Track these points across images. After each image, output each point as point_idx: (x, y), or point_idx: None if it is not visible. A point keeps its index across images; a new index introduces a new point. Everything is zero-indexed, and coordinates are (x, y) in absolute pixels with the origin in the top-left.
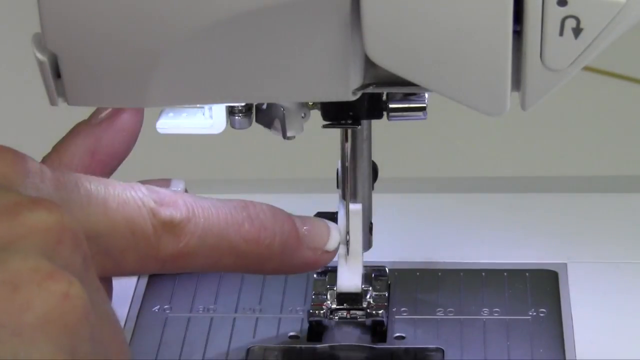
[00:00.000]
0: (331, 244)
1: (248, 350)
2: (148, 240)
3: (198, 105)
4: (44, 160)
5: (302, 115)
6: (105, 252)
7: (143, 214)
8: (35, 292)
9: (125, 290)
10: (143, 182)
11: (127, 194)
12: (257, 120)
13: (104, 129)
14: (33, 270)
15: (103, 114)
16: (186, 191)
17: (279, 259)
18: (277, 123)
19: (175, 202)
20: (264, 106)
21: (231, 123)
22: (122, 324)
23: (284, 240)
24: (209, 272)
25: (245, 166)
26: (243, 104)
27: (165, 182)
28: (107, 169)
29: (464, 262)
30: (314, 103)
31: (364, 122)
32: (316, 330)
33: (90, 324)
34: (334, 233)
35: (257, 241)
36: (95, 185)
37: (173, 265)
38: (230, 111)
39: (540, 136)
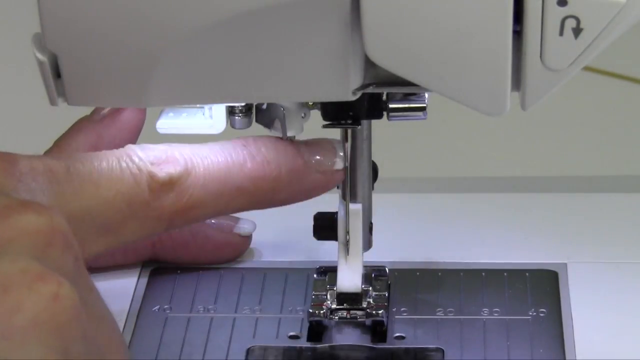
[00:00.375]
0: (340, 163)
1: (248, 350)
2: (146, 205)
3: (198, 105)
4: (46, 153)
5: (302, 115)
6: (105, 229)
7: (139, 181)
8: (25, 294)
9: (125, 290)
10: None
11: (121, 164)
12: (257, 120)
13: (106, 126)
14: (22, 272)
15: (105, 111)
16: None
17: (289, 189)
18: (277, 123)
19: (172, 157)
20: (264, 106)
21: (231, 123)
22: (122, 323)
23: (289, 170)
24: (221, 216)
25: None
26: (243, 104)
27: (234, 220)
28: None
29: (464, 262)
30: (314, 103)
31: (364, 122)
32: (316, 330)
33: (82, 324)
34: (340, 151)
35: (263, 177)
36: (88, 165)
37: (182, 220)
38: (230, 111)
39: (540, 136)
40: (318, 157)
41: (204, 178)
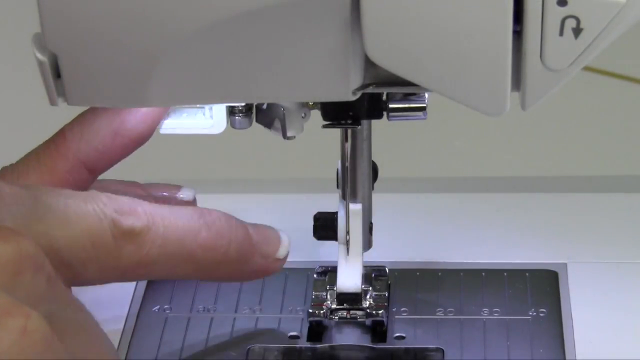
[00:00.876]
0: (282, 252)
1: (248, 350)
2: (109, 251)
3: (198, 105)
4: (66, 128)
5: (302, 115)
6: (66, 264)
7: (104, 225)
8: None
9: (125, 290)
10: (150, 186)
11: (87, 206)
12: (257, 120)
13: (130, 114)
14: None
15: None
16: (195, 199)
17: (233, 266)
18: (277, 123)
19: (135, 211)
20: (264, 106)
21: (231, 123)
22: (122, 324)
23: (238, 247)
24: (164, 280)
25: (245, 166)
26: (243, 104)
27: (175, 189)
28: (125, 151)
29: (464, 262)
30: (314, 103)
31: (364, 122)
32: (316, 330)
33: (55, 353)
34: (285, 240)
35: (214, 248)
36: (55, 199)
37: (133, 274)
38: (231, 111)
39: (540, 136)
40: (264, 243)
41: (162, 238)
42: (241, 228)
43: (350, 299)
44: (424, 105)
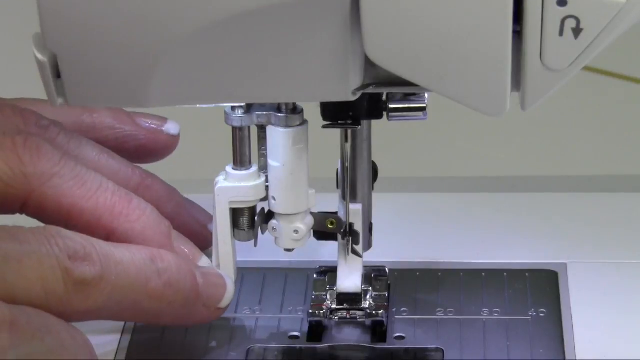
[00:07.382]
0: (225, 302)
1: (248, 350)
2: (59, 298)
3: (198, 105)
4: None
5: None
6: None
7: (56, 274)
8: None
9: None
10: (137, 115)
11: (42, 250)
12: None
13: None
14: None
15: None
16: (179, 134)
17: (176, 314)
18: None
19: (89, 256)
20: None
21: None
22: (122, 324)
23: (185, 297)
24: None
25: None
26: (243, 104)
27: (161, 120)
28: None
29: (464, 262)
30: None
31: (364, 122)
32: (316, 330)
33: None
34: (230, 290)
35: (161, 298)
36: (12, 244)
37: (76, 319)
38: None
39: (540, 136)
40: (209, 292)
41: (112, 287)
42: (190, 276)
43: (350, 299)
44: (424, 105)
